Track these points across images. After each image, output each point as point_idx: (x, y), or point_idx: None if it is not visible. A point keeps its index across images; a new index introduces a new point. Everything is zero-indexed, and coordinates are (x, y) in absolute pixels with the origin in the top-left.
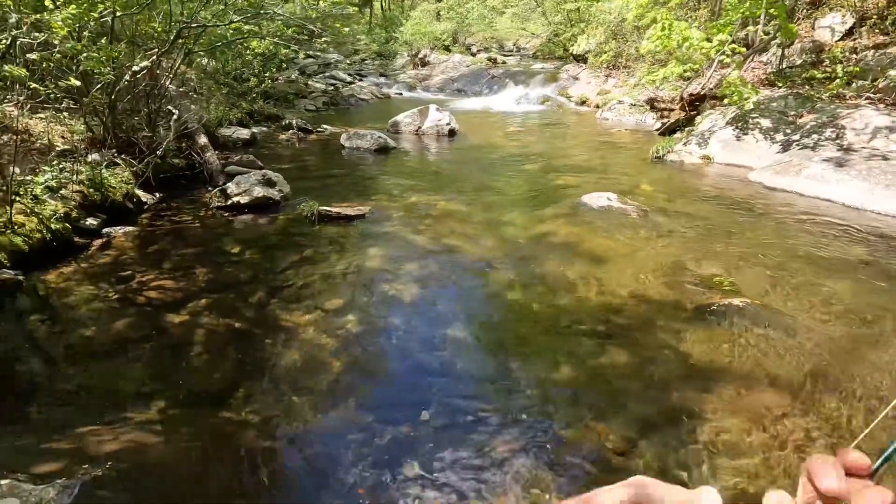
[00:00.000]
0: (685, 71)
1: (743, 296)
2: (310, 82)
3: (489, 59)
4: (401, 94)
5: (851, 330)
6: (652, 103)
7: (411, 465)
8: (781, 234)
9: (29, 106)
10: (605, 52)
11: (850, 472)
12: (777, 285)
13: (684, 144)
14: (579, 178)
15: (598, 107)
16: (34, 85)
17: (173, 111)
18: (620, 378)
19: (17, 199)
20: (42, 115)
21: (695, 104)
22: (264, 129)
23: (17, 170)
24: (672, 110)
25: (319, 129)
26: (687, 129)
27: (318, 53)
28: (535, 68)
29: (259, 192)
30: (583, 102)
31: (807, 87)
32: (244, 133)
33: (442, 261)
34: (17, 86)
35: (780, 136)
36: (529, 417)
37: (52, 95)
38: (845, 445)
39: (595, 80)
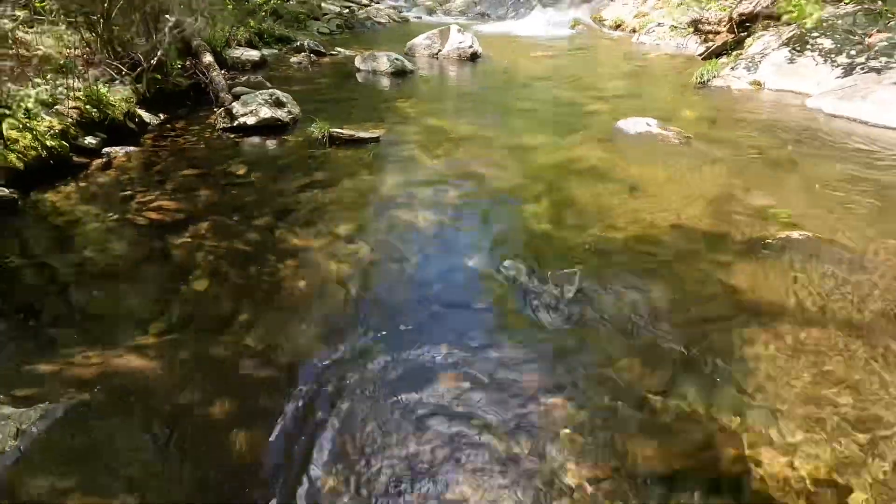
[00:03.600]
0: None
1: (803, 229)
2: (323, 4)
3: None
4: (419, 17)
5: None
6: (695, 25)
7: (419, 402)
8: (844, 165)
9: (21, 18)
10: None
11: None
12: (842, 219)
13: (732, 69)
14: (613, 104)
15: (634, 31)
16: None
17: (169, 19)
18: (660, 314)
19: (8, 112)
20: (36, 30)
21: (745, 25)
22: (274, 51)
23: (11, 85)
24: (718, 33)
25: (333, 52)
26: (735, 52)
27: None
28: None
29: (267, 112)
30: (618, 26)
31: (880, 1)
32: (253, 54)
33: (461, 187)
34: None
35: (843, 59)
36: (555, 356)
37: (39, 4)
38: None
39: (633, 1)
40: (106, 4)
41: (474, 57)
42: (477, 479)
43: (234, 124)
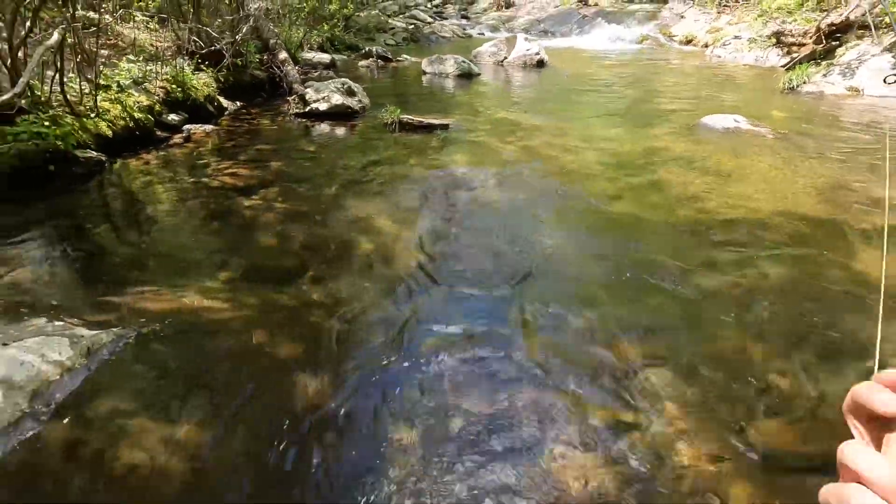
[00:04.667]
0: None
1: None
2: (391, 19)
3: (579, 0)
4: (483, 34)
5: None
6: (778, 37)
7: (480, 374)
8: None
9: (120, 11)
10: None
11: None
12: None
13: (824, 75)
14: (693, 105)
15: (706, 45)
16: None
17: (250, 15)
18: (773, 294)
19: (103, 86)
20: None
21: (835, 35)
22: (343, 56)
23: (108, 71)
24: (803, 45)
25: (399, 59)
26: (825, 61)
27: None
28: (631, 8)
29: (338, 99)
30: (688, 41)
31: None
32: (324, 57)
33: (533, 168)
34: None
35: None
36: (648, 331)
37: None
38: None
39: (704, 17)
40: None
41: (540, 64)
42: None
43: (307, 110)
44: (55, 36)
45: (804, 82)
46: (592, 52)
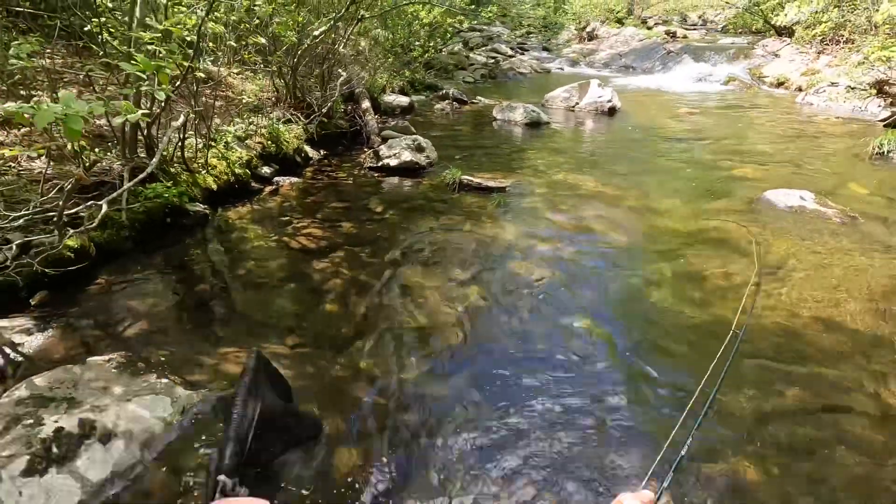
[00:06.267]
0: None
1: None
2: (471, 55)
3: (667, 32)
4: (562, 69)
5: None
6: (880, 87)
7: (514, 457)
8: None
9: (232, 64)
10: (823, 22)
11: None
12: None
13: None
14: (764, 171)
15: (800, 89)
16: (232, 42)
17: (342, 73)
18: (786, 419)
19: (214, 144)
20: (236, 71)
21: None
22: (422, 97)
23: (218, 120)
24: None
25: (474, 101)
26: None
27: (483, 26)
28: (722, 43)
29: (408, 156)
30: (780, 84)
31: None
32: (404, 100)
33: (580, 245)
34: (221, 44)
35: None
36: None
37: (247, 56)
38: None
39: (801, 56)
40: (295, 59)
41: (612, 111)
42: None
43: (379, 164)
44: (181, 118)
45: None
46: (672, 94)
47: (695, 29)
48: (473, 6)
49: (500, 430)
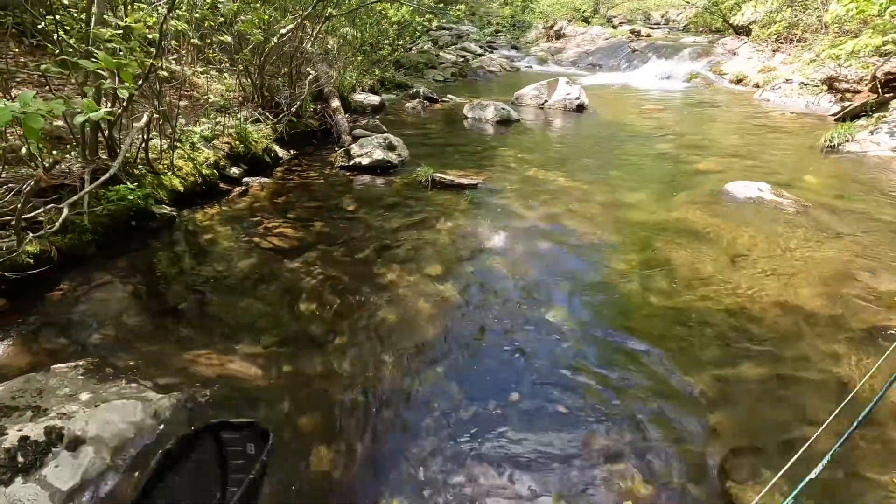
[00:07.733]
0: (884, 44)
1: None
2: (441, 53)
3: (632, 31)
4: (531, 67)
5: None
6: (830, 83)
7: (493, 444)
8: None
9: (197, 63)
10: (777, 22)
11: None
12: None
13: (870, 133)
14: (725, 164)
15: (757, 86)
16: (196, 41)
17: (311, 72)
18: (752, 398)
19: (179, 145)
20: (201, 70)
21: (892, 85)
22: (392, 96)
23: (183, 120)
24: (858, 92)
25: (444, 99)
26: (877, 115)
27: (452, 25)
28: (684, 41)
29: (379, 154)
30: (739, 81)
31: None
32: (374, 99)
33: (552, 239)
34: (184, 42)
35: None
36: (629, 424)
37: (211, 55)
38: None
39: (758, 55)
40: (261, 58)
41: (580, 108)
42: None
43: (351, 163)
44: (144, 118)
45: (847, 140)
46: (637, 91)
47: (658, 28)
48: (441, 4)
49: (476, 423)
